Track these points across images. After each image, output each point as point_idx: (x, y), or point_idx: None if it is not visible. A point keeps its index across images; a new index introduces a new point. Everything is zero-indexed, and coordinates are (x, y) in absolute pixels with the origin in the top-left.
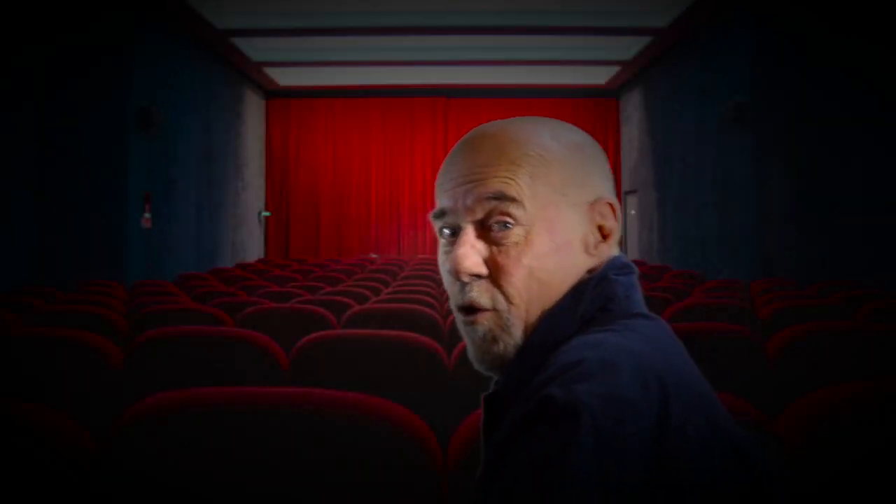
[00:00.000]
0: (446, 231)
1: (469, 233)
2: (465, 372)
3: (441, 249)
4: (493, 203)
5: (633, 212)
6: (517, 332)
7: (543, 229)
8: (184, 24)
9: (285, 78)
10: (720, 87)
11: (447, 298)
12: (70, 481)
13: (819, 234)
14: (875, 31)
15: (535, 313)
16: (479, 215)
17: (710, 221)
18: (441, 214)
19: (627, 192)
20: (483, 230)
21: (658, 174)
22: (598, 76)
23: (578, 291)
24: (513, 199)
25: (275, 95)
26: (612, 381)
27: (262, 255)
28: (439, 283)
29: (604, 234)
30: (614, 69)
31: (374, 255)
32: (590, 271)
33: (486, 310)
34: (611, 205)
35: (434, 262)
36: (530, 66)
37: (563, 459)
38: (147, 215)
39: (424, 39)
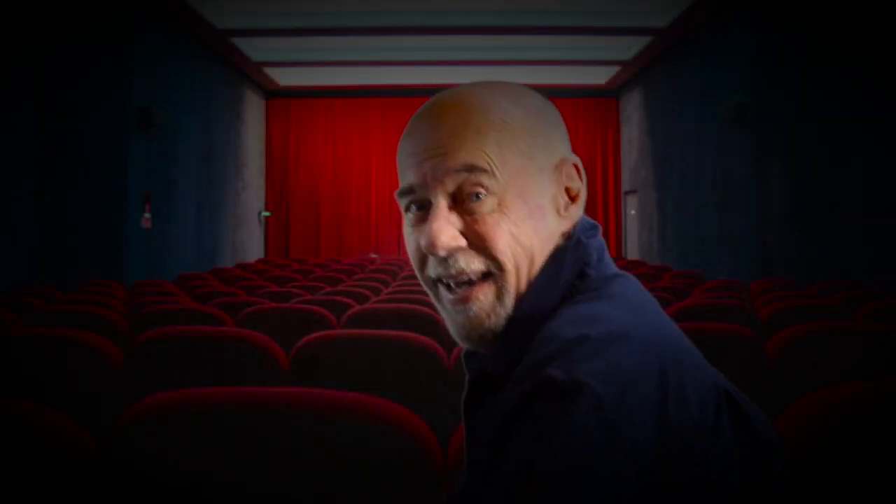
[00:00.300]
0: (414, 207)
1: (442, 206)
2: (465, 372)
3: (407, 225)
4: (464, 175)
5: (633, 212)
6: (510, 302)
7: (515, 196)
8: (184, 24)
9: (285, 78)
10: (720, 87)
11: None
12: (70, 481)
13: (819, 234)
14: (875, 31)
15: (523, 281)
16: (450, 188)
17: (710, 221)
18: (408, 191)
19: (627, 192)
20: (454, 203)
21: (658, 174)
22: (598, 76)
23: (558, 258)
24: (483, 170)
25: (275, 95)
26: (612, 358)
27: (262, 255)
28: None
29: (571, 196)
30: (614, 69)
31: (374, 255)
32: (563, 235)
33: (481, 280)
34: (575, 165)
35: None
36: (530, 66)
37: (565, 437)
38: (147, 215)
39: (424, 39)
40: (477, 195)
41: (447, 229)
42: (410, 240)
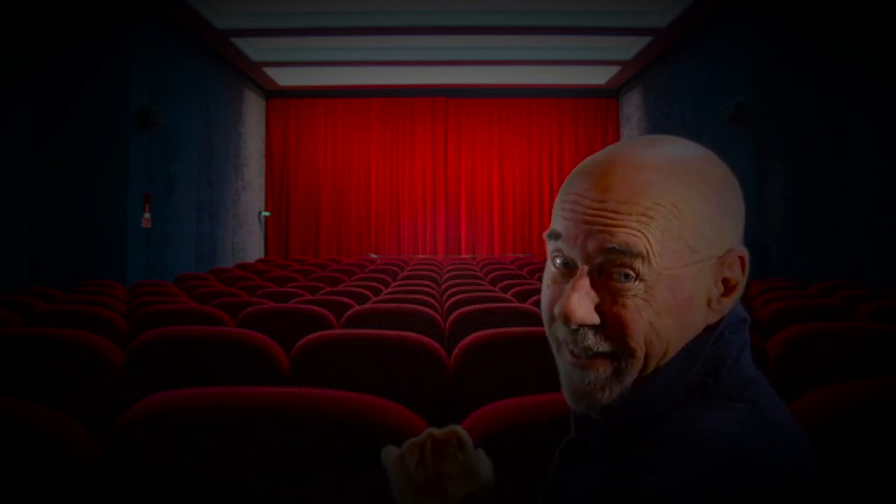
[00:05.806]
0: (558, 261)
1: (584, 281)
2: (465, 372)
3: (548, 277)
4: (617, 254)
5: None
6: (628, 382)
7: (666, 286)
8: (183, 25)
9: (285, 78)
10: (720, 87)
11: (447, 298)
12: (70, 482)
13: (819, 233)
14: (875, 31)
15: (650, 367)
16: (598, 261)
17: None
18: (555, 236)
19: None
20: (600, 276)
21: None
22: (598, 76)
23: (693, 352)
24: (639, 254)
25: (275, 95)
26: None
27: (262, 255)
28: (439, 283)
29: (728, 287)
30: (614, 69)
31: (374, 255)
32: (707, 327)
33: (604, 356)
34: (741, 257)
35: (433, 263)
36: (530, 66)
37: None
38: (147, 215)
39: (425, 39)
40: (626, 275)
41: (585, 303)
42: (547, 293)
